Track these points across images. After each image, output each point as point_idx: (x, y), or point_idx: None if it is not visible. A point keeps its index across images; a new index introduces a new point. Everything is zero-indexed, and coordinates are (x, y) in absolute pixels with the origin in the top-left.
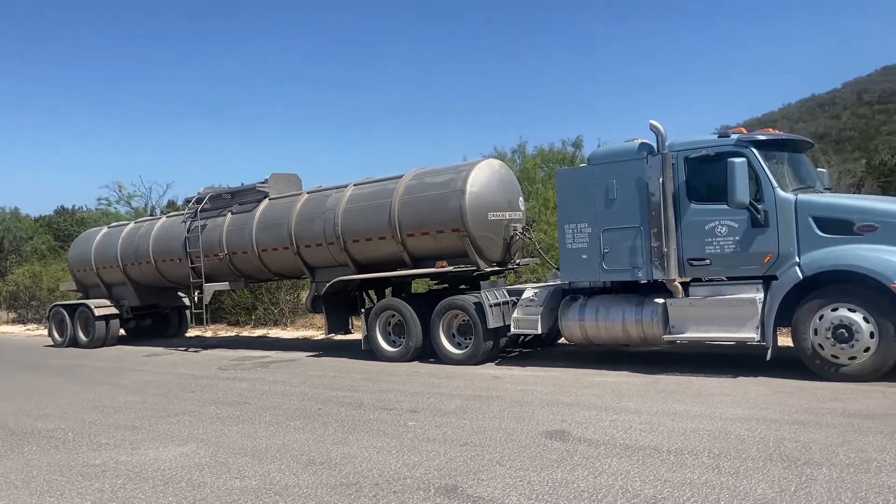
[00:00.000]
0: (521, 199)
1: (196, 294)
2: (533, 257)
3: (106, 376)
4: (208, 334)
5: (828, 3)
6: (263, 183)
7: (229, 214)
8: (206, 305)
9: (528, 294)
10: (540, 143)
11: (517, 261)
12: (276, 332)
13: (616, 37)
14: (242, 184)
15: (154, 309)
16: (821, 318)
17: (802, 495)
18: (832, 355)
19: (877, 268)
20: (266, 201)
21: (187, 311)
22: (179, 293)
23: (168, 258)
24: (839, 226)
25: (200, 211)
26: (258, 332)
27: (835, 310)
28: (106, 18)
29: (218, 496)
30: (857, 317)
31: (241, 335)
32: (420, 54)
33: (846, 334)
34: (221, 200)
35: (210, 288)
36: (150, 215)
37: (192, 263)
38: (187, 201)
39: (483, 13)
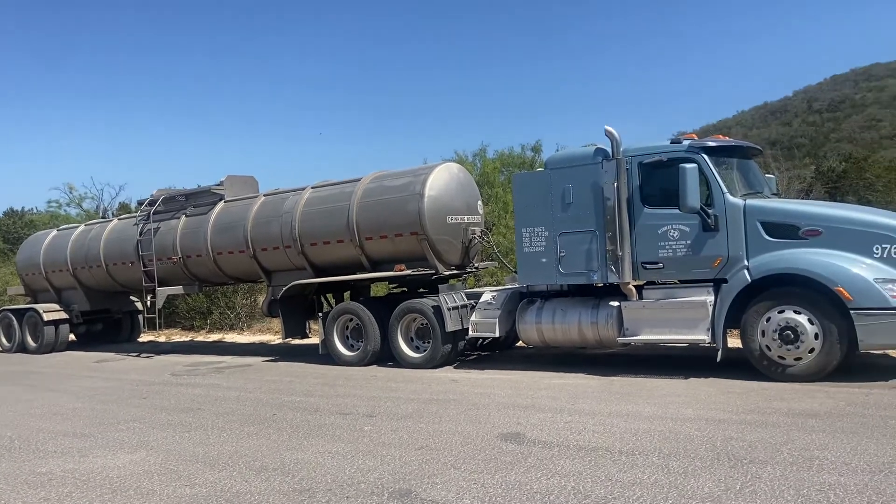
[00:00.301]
0: (479, 202)
1: (149, 298)
2: (491, 261)
3: (55, 383)
4: (162, 339)
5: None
6: (219, 185)
7: (183, 217)
8: (159, 310)
9: (486, 297)
10: (501, 147)
11: (476, 264)
12: (231, 337)
13: (574, 42)
14: (198, 186)
15: (105, 313)
16: (768, 319)
17: (747, 493)
18: (779, 356)
19: (821, 271)
20: (221, 204)
21: (140, 316)
22: (132, 297)
23: (120, 261)
24: (785, 230)
25: (154, 213)
26: (213, 337)
27: (781, 312)
28: (60, 14)
29: None
30: (803, 319)
31: (196, 340)
32: (381, 56)
33: (792, 336)
34: (175, 203)
35: (163, 292)
36: (102, 218)
37: (144, 267)
38: (140, 203)
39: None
